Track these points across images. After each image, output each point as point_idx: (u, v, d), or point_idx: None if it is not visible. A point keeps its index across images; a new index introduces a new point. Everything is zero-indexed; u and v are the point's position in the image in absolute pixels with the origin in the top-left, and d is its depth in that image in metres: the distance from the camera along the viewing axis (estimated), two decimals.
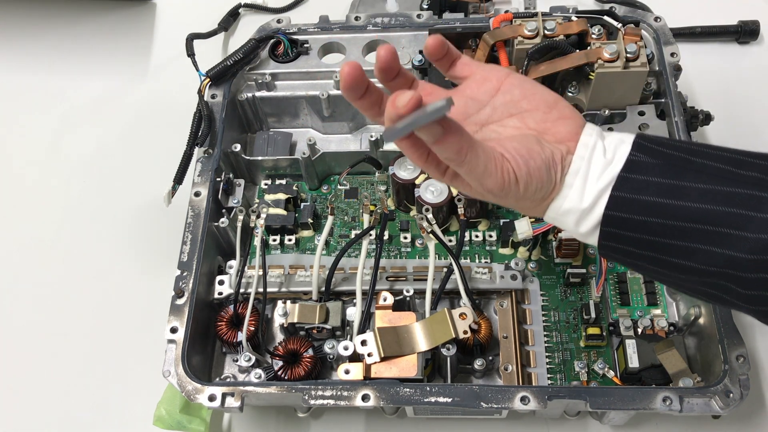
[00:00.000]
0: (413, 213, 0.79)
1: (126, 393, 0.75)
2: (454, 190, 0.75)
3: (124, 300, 0.81)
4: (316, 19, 0.85)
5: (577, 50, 0.74)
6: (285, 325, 0.71)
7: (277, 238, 0.79)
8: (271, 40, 0.84)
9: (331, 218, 0.73)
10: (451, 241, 0.77)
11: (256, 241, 0.74)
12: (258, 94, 0.84)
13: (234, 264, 0.74)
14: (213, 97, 0.80)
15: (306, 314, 0.70)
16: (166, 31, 1.02)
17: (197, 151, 0.77)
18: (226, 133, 0.79)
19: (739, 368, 0.62)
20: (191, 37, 0.85)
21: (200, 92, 0.79)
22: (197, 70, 0.81)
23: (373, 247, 0.72)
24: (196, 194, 0.74)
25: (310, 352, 0.70)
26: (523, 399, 0.61)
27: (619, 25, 0.76)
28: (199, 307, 0.69)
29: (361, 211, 0.72)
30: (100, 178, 0.90)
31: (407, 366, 0.65)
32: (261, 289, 0.72)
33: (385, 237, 0.74)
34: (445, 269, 0.72)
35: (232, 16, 1.01)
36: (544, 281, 0.75)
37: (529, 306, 0.73)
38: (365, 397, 0.62)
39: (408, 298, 0.72)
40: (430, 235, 0.71)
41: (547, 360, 0.71)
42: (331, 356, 0.69)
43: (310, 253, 0.78)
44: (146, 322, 0.76)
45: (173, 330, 0.66)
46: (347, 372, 0.65)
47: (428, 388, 0.62)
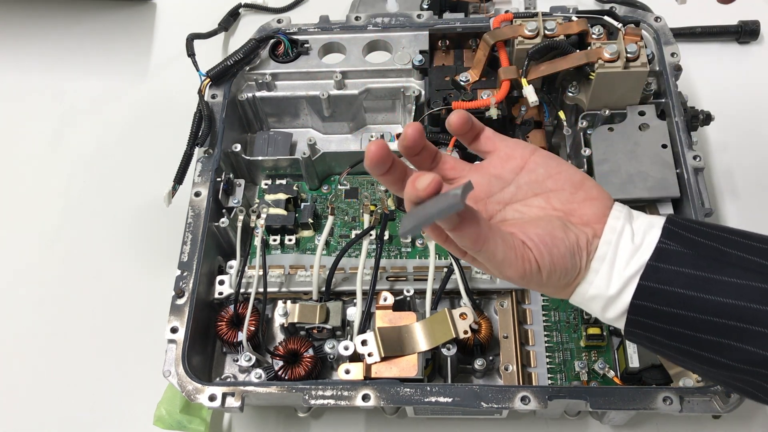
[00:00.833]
0: None
1: (126, 393, 0.75)
2: None
3: (124, 300, 0.81)
4: (317, 19, 0.85)
5: (578, 50, 0.74)
6: (285, 325, 0.71)
7: (278, 238, 0.79)
8: (272, 40, 0.83)
9: (331, 218, 0.73)
10: None
11: (257, 241, 0.74)
12: (258, 94, 0.84)
13: (234, 264, 0.74)
14: (213, 97, 0.80)
15: (306, 314, 0.70)
16: (166, 31, 1.02)
17: (197, 151, 0.77)
18: (227, 133, 0.79)
19: None
20: (191, 37, 0.85)
21: (200, 92, 0.79)
22: (197, 70, 0.81)
23: (374, 247, 0.72)
24: (197, 194, 0.74)
25: (311, 352, 0.70)
26: (524, 399, 0.61)
27: (620, 25, 0.76)
28: (200, 307, 0.69)
29: (362, 211, 0.72)
30: (100, 178, 0.90)
31: (407, 366, 0.65)
32: (261, 289, 0.72)
33: (386, 237, 0.74)
34: (446, 269, 0.72)
35: (232, 16, 1.00)
36: None
37: (530, 306, 0.73)
38: (365, 397, 0.62)
39: (408, 298, 0.72)
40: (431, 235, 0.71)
41: (548, 360, 0.71)
42: (332, 356, 0.69)
43: (310, 253, 0.78)
44: (146, 322, 0.76)
45: (173, 330, 0.66)
46: (347, 372, 0.65)
47: (428, 388, 0.62)
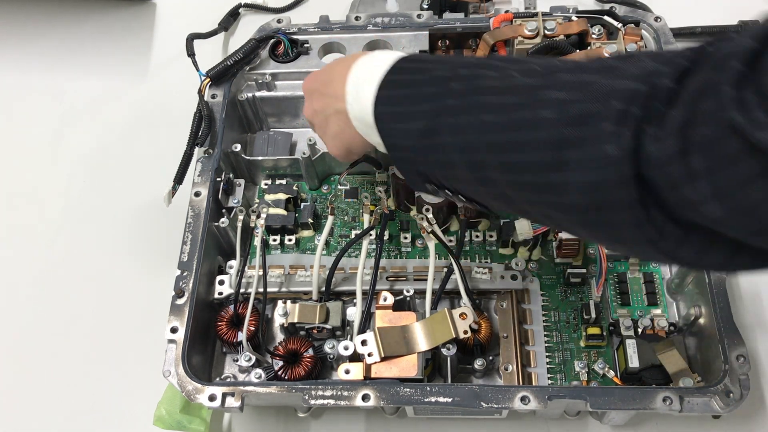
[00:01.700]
0: (413, 213, 0.79)
1: (126, 393, 0.75)
2: None
3: (124, 300, 0.81)
4: (316, 19, 0.85)
5: (578, 50, 0.74)
6: (285, 325, 0.71)
7: (277, 238, 0.79)
8: (272, 40, 0.83)
9: (331, 218, 0.73)
10: (451, 241, 0.76)
11: (257, 241, 0.74)
12: (258, 94, 0.84)
13: (234, 264, 0.74)
14: (213, 97, 0.80)
15: (306, 314, 0.70)
16: (166, 31, 1.02)
17: (197, 151, 0.77)
18: (227, 133, 0.79)
19: (740, 368, 0.62)
20: (191, 37, 0.85)
21: (200, 92, 0.79)
22: (197, 70, 0.81)
23: (373, 247, 0.72)
24: (197, 194, 0.74)
25: (311, 352, 0.70)
26: (524, 399, 0.61)
27: (620, 25, 0.76)
28: (200, 307, 0.69)
29: (362, 211, 0.72)
30: (100, 178, 0.90)
31: (407, 366, 0.65)
32: (261, 289, 0.72)
33: (386, 237, 0.74)
34: (446, 269, 0.72)
35: (232, 16, 1.00)
36: (544, 281, 0.75)
37: (530, 306, 0.73)
38: (365, 397, 0.62)
39: (408, 298, 0.72)
40: (431, 235, 0.71)
41: (548, 360, 0.71)
42: (332, 356, 0.69)
43: (310, 253, 0.78)
44: (146, 322, 0.75)
45: (173, 330, 0.66)
46: (347, 372, 0.65)
47: (428, 388, 0.62)
